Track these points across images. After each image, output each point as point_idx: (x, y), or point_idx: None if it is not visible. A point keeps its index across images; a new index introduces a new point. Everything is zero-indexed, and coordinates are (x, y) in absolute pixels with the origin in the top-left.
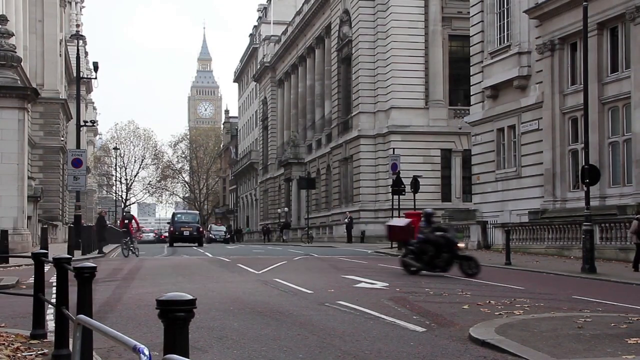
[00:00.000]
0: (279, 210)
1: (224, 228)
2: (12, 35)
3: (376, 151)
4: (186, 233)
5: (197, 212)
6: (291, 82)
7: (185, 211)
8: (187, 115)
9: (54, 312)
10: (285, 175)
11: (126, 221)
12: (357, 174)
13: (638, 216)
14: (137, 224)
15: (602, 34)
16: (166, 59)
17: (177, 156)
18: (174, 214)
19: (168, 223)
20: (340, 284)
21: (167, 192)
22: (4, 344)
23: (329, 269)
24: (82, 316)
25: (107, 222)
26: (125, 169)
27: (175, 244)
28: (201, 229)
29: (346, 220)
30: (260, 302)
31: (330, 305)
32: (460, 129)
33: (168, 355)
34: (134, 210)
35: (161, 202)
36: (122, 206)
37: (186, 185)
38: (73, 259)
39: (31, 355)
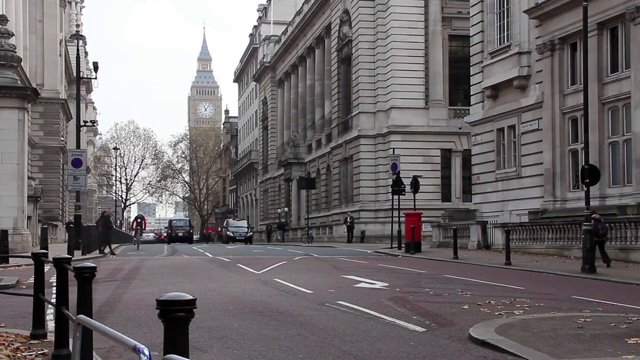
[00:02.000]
0: (279, 210)
1: (245, 223)
2: (12, 35)
3: (376, 151)
4: (180, 234)
5: (188, 219)
6: (291, 82)
7: (178, 218)
8: (187, 115)
9: (54, 312)
10: (285, 175)
11: (139, 220)
12: (357, 174)
13: (594, 216)
14: (145, 224)
15: (602, 34)
16: (166, 59)
17: (177, 156)
18: (170, 220)
19: (166, 227)
20: (340, 284)
21: (167, 192)
22: (4, 344)
23: (329, 269)
24: (82, 316)
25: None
26: (125, 169)
27: (172, 243)
28: (191, 231)
29: (348, 220)
30: (260, 302)
31: (330, 305)
32: (460, 129)
33: (168, 355)
34: (133, 210)
35: (161, 202)
36: (122, 206)
37: (186, 185)
38: (73, 259)
39: (31, 355)
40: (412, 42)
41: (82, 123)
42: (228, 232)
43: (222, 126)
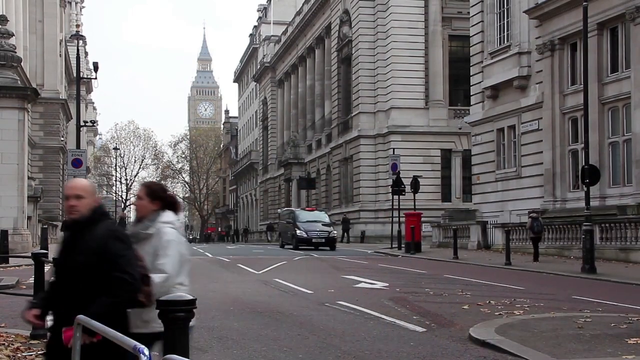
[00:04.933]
0: (278, 210)
1: (324, 216)
2: (12, 35)
3: (376, 151)
4: None
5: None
6: (291, 82)
7: None
8: (187, 115)
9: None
10: (285, 175)
11: None
12: (357, 174)
13: (532, 214)
14: None
15: (602, 34)
16: (166, 59)
17: (177, 156)
18: None
19: None
20: (340, 284)
21: None
22: (4, 344)
23: (329, 269)
24: (82, 316)
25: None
26: (125, 169)
27: None
28: None
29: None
30: (261, 302)
31: (330, 306)
32: (460, 129)
33: (168, 355)
34: (133, 211)
35: None
36: (122, 206)
37: (186, 185)
38: None
39: (31, 355)
40: (412, 42)
41: (82, 123)
42: (297, 231)
43: (222, 126)
